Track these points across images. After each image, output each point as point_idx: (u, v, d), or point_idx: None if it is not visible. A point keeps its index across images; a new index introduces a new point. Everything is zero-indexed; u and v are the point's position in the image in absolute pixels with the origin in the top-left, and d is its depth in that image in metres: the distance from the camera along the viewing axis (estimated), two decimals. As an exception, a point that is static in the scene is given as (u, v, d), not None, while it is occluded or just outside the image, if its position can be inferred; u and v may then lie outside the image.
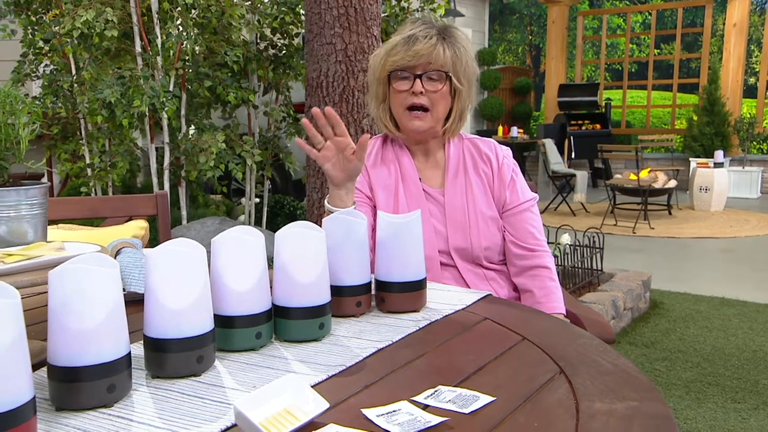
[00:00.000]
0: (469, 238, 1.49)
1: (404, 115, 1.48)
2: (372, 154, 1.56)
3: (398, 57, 1.45)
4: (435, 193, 1.54)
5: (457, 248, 1.50)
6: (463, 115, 1.53)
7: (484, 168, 1.55)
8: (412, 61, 1.44)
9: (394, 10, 4.46)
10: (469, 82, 1.50)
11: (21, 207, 0.94)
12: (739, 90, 10.02)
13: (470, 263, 1.51)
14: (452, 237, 1.50)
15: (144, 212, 1.75)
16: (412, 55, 1.43)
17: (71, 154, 4.32)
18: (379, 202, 1.52)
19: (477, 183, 1.54)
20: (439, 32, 1.46)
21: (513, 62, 22.01)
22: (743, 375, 2.92)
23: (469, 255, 1.50)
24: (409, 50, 1.43)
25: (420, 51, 1.43)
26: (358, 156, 1.26)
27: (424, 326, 1.04)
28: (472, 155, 1.57)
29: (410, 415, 0.73)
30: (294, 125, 4.53)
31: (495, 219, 1.53)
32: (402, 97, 1.47)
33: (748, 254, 5.55)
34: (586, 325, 1.48)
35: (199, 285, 0.85)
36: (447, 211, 1.51)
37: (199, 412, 0.75)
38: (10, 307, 0.64)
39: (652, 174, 7.06)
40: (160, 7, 3.77)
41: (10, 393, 0.63)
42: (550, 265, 1.53)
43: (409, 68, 1.45)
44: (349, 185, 1.31)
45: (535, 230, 1.54)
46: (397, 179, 1.54)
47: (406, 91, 1.46)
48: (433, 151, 1.57)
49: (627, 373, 0.84)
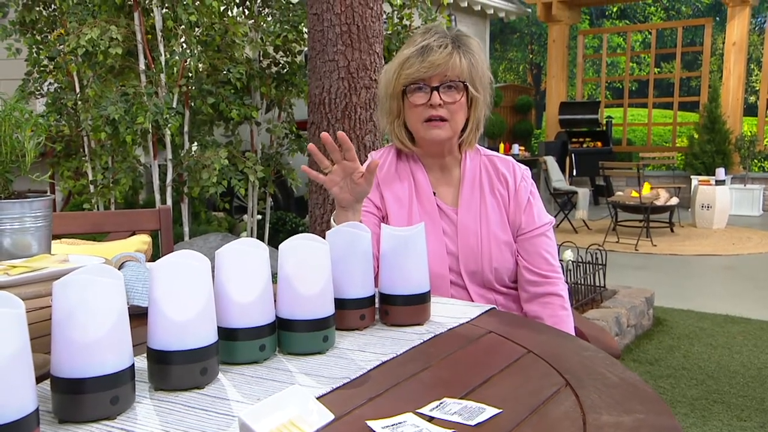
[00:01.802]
0: (480, 262, 1.45)
1: (422, 127, 1.43)
2: (385, 165, 1.52)
3: (413, 69, 1.39)
4: (449, 210, 1.49)
5: (468, 270, 1.45)
6: (480, 125, 1.48)
7: (500, 189, 1.50)
8: (427, 72, 1.38)
9: (396, 28, 4.50)
10: (485, 90, 1.45)
11: (25, 219, 0.94)
12: (739, 108, 10.05)
13: (480, 286, 1.46)
14: (463, 259, 1.45)
15: (147, 227, 1.75)
16: (427, 66, 1.37)
17: (74, 172, 4.34)
18: (392, 215, 1.48)
19: (492, 204, 1.49)
20: (453, 41, 1.40)
21: (514, 80, 22.15)
22: (749, 393, 2.90)
23: (480, 278, 1.46)
24: (424, 61, 1.37)
25: (435, 61, 1.37)
26: (366, 180, 1.25)
27: (429, 339, 1.04)
28: (488, 174, 1.52)
29: (416, 427, 0.72)
30: (296, 142, 4.55)
31: (509, 243, 1.47)
32: (419, 110, 1.42)
33: (752, 272, 5.53)
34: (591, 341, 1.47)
35: (203, 297, 0.85)
36: (459, 231, 1.46)
37: (203, 424, 0.74)
38: (14, 317, 0.64)
39: (653, 191, 7.06)
40: (164, 25, 3.80)
41: (14, 403, 0.62)
42: (563, 293, 1.47)
43: (424, 80, 1.39)
44: (356, 206, 1.30)
45: (549, 256, 1.48)
46: (411, 193, 1.49)
47: (423, 104, 1.41)
48: (449, 168, 1.52)
49: (634, 385, 0.84)
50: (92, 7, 3.90)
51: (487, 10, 11.59)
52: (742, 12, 9.81)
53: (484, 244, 1.45)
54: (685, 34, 12.00)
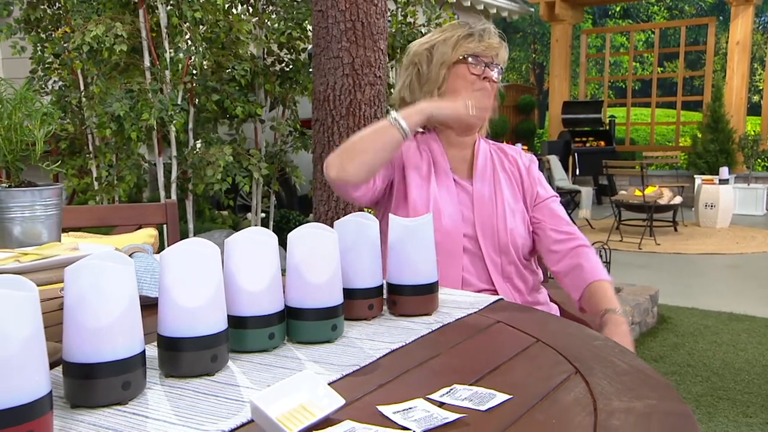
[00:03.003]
0: (495, 223, 1.53)
1: (474, 95, 1.52)
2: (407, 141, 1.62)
3: (473, 45, 1.53)
4: (464, 182, 1.58)
5: (484, 232, 1.52)
6: (495, 112, 1.62)
7: (510, 168, 1.62)
8: (486, 51, 1.53)
9: (400, 26, 4.50)
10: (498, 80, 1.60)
11: (36, 207, 0.95)
12: (743, 107, 10.03)
13: (496, 252, 1.52)
14: (479, 222, 1.53)
15: (153, 221, 1.75)
16: (485, 45, 1.53)
17: (78, 170, 4.35)
18: (410, 182, 1.54)
19: (504, 178, 1.59)
20: (499, 33, 1.58)
21: (517, 80, 22.12)
22: (754, 389, 2.89)
23: (495, 241, 1.52)
24: (483, 41, 1.53)
25: (493, 44, 1.54)
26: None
27: (437, 329, 1.04)
28: (499, 156, 1.64)
29: (426, 412, 0.72)
30: (300, 139, 4.55)
31: (522, 212, 1.56)
32: (472, 80, 1.53)
33: (755, 271, 5.52)
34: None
35: (213, 283, 0.85)
36: (475, 199, 1.55)
37: (214, 409, 0.74)
38: (28, 300, 0.64)
39: (657, 190, 7.06)
40: (169, 22, 3.81)
41: (28, 386, 0.62)
42: (589, 245, 1.55)
43: (485, 57, 1.54)
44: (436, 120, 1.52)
45: (568, 219, 1.59)
46: (429, 164, 1.58)
47: (481, 75, 1.53)
48: (466, 146, 1.62)
49: (644, 373, 0.84)
50: (97, 4, 3.91)
51: (489, 10, 11.58)
52: (745, 11, 9.80)
53: (499, 208, 1.54)
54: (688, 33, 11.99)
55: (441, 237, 1.44)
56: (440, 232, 1.45)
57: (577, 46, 12.62)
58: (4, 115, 0.88)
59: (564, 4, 10.95)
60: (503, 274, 1.52)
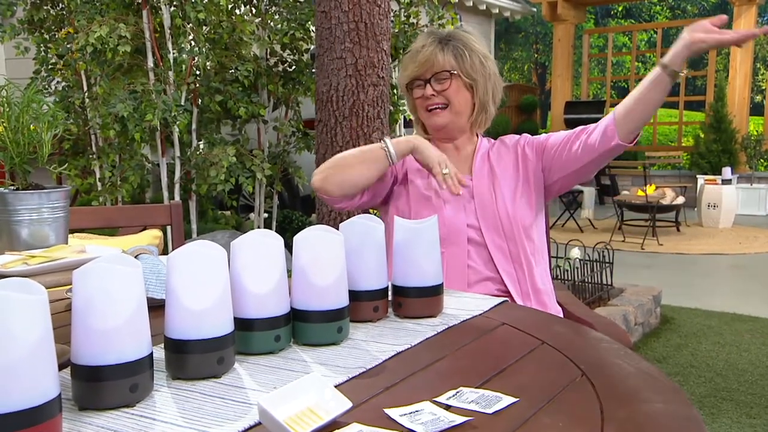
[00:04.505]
0: (497, 212, 1.56)
1: (426, 116, 1.63)
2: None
3: (409, 71, 1.63)
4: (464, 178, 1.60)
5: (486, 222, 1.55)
6: (486, 107, 1.64)
7: (507, 153, 1.65)
8: (419, 69, 1.60)
9: (403, 27, 4.50)
10: (482, 75, 1.60)
11: (43, 210, 0.95)
12: (745, 107, 10.01)
13: (501, 238, 1.54)
14: (480, 211, 1.56)
15: (158, 222, 1.76)
16: (417, 65, 1.60)
17: (81, 170, 4.36)
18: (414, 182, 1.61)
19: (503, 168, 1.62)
20: (439, 40, 1.60)
21: (519, 80, 22.13)
22: (757, 390, 2.89)
23: (500, 228, 1.54)
24: (416, 59, 1.60)
25: (421, 59, 1.59)
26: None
27: (442, 331, 1.04)
28: (497, 149, 1.68)
29: (433, 415, 0.72)
30: (303, 140, 4.55)
31: (523, 194, 1.59)
32: (420, 102, 1.64)
33: (759, 271, 5.51)
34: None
35: (219, 285, 0.85)
36: (475, 193, 1.59)
37: (221, 411, 0.75)
38: (37, 303, 0.64)
39: (659, 190, 7.05)
40: (172, 23, 3.81)
41: (38, 389, 0.63)
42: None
43: (420, 77, 1.61)
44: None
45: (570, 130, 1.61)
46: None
47: (422, 97, 1.62)
48: (462, 147, 1.67)
49: (650, 375, 0.84)
50: (100, 5, 3.91)
51: (492, 10, 11.58)
52: (748, 11, 9.77)
53: (499, 197, 1.58)
54: (691, 33, 11.92)
55: (445, 228, 1.51)
56: (444, 224, 1.51)
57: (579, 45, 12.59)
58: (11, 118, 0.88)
59: (566, 4, 10.94)
60: (512, 257, 1.55)
